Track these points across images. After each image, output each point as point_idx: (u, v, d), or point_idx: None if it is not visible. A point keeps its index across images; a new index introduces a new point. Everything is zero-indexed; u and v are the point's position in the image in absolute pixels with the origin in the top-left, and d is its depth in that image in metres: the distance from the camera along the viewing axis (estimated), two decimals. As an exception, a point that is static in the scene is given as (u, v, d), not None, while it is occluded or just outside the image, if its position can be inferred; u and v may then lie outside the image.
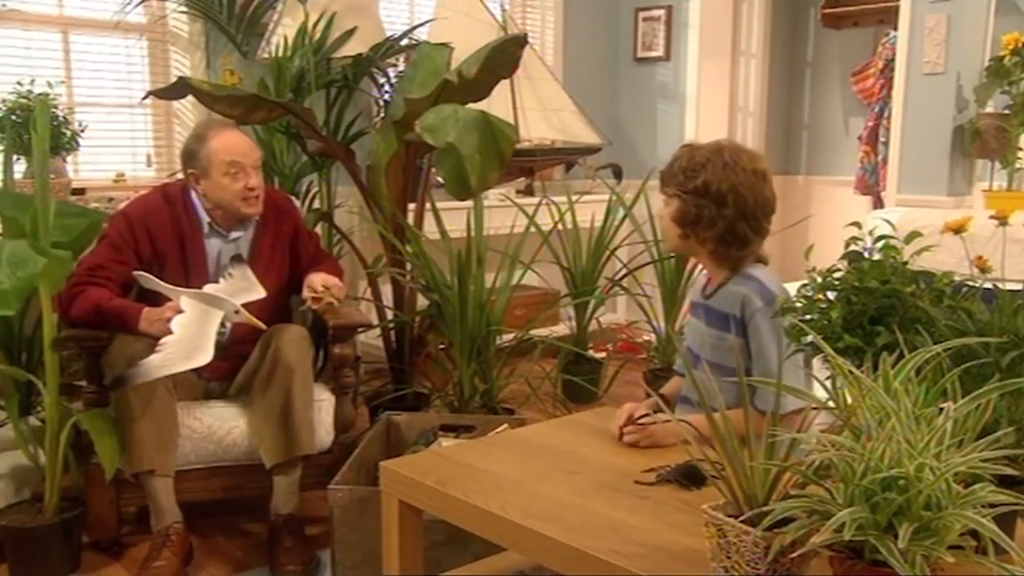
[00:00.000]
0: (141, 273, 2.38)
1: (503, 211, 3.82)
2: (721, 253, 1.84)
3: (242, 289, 2.38)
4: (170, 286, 2.34)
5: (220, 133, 2.46)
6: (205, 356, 2.20)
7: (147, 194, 2.60)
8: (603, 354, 4.06)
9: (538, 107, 4.51)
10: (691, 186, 1.81)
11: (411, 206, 3.38)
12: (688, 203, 1.82)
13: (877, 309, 1.41)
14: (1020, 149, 3.41)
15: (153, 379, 2.22)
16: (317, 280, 2.49)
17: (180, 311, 2.26)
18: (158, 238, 2.47)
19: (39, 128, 2.30)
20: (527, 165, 4.47)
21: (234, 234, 2.54)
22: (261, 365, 2.44)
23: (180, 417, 2.40)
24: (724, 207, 1.79)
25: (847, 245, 1.58)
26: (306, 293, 2.49)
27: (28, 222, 2.29)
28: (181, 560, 2.29)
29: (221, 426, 2.45)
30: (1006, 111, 3.43)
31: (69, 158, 3.23)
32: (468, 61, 2.94)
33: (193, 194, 2.51)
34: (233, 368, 2.55)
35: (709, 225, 1.81)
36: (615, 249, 3.94)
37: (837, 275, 1.50)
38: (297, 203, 2.90)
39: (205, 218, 2.51)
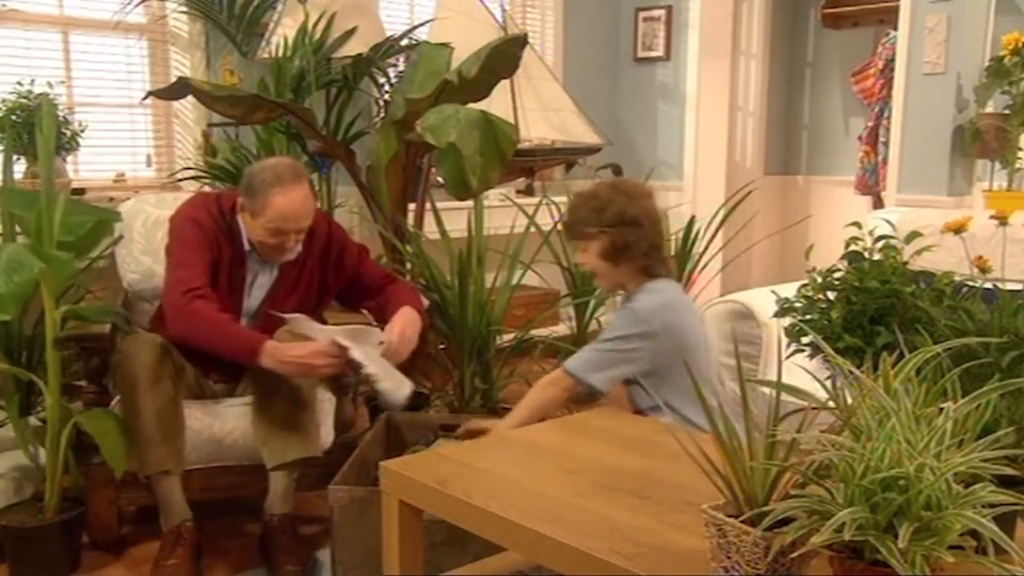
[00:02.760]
0: (295, 316, 2.36)
1: (503, 211, 3.81)
2: (648, 267, 2.12)
3: (362, 330, 2.41)
4: (319, 325, 2.37)
5: (287, 192, 2.36)
6: (408, 384, 2.37)
7: (205, 202, 2.53)
8: (603, 354, 4.06)
9: (538, 107, 4.51)
10: (608, 220, 2.08)
11: (411, 206, 3.38)
12: (612, 235, 2.08)
13: (877, 309, 1.41)
14: (1020, 149, 3.41)
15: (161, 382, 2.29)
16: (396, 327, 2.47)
17: (341, 348, 2.25)
18: (216, 248, 2.45)
19: (44, 129, 2.30)
20: (527, 165, 4.47)
21: (275, 259, 2.52)
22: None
23: (181, 417, 2.40)
24: (640, 227, 2.08)
25: (847, 245, 1.58)
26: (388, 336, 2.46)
27: (32, 222, 2.29)
28: (194, 559, 2.30)
29: (222, 427, 2.45)
30: (1006, 111, 3.43)
31: (69, 158, 3.23)
32: (468, 61, 2.94)
33: (239, 218, 2.49)
34: (240, 370, 2.56)
35: (636, 245, 2.08)
36: (615, 249, 3.93)
37: (837, 275, 1.50)
38: (333, 226, 2.71)
39: (246, 245, 2.50)
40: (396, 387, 2.33)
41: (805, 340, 1.50)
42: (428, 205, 3.36)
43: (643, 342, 2.07)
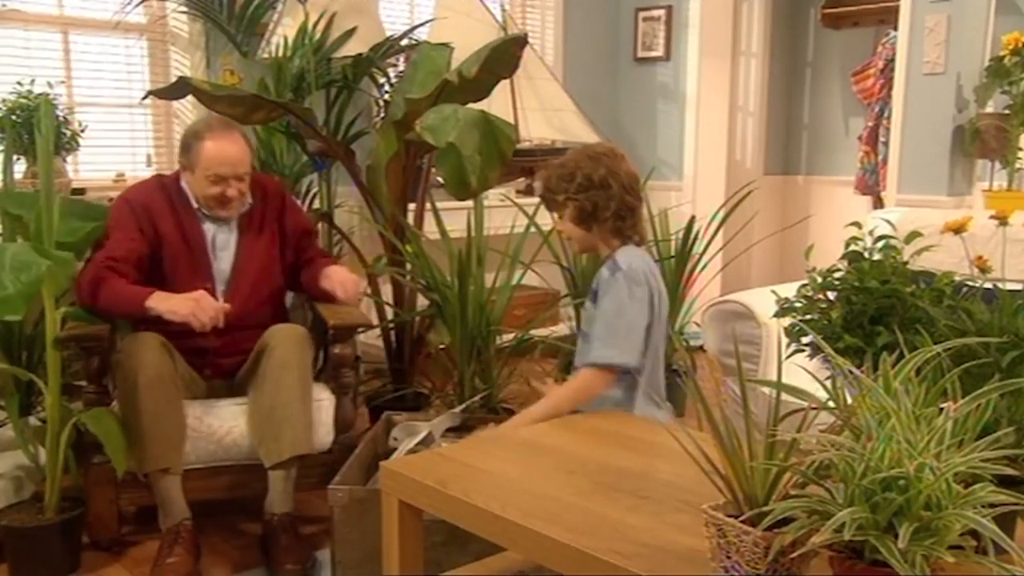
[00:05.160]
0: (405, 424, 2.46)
1: (503, 211, 3.81)
2: (619, 228, 2.13)
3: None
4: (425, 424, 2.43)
5: (216, 137, 2.48)
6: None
7: (144, 181, 2.67)
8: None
9: (538, 107, 4.51)
10: (575, 186, 2.10)
11: (411, 206, 3.38)
12: (581, 200, 2.10)
13: (877, 309, 1.41)
14: (1020, 149, 3.41)
15: (162, 380, 2.33)
16: (336, 277, 2.61)
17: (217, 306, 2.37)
18: (157, 220, 2.52)
19: (43, 128, 2.30)
20: (527, 165, 4.47)
21: (222, 213, 2.58)
22: (258, 364, 2.45)
23: (181, 416, 2.40)
24: (609, 188, 2.09)
25: (847, 245, 1.58)
26: (327, 284, 2.60)
27: (32, 223, 2.29)
28: (193, 557, 2.30)
29: (221, 426, 2.45)
30: (1006, 111, 3.43)
31: (69, 158, 3.23)
32: (468, 61, 2.94)
33: (183, 181, 2.58)
34: (235, 365, 2.56)
35: (605, 208, 2.09)
36: (615, 249, 3.93)
37: (837, 275, 1.50)
38: (286, 190, 2.89)
39: (195, 204, 2.56)
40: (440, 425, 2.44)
41: (805, 340, 1.50)
42: (428, 205, 3.36)
43: (643, 298, 2.08)
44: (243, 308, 2.53)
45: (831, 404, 1.16)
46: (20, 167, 3.01)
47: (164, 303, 2.33)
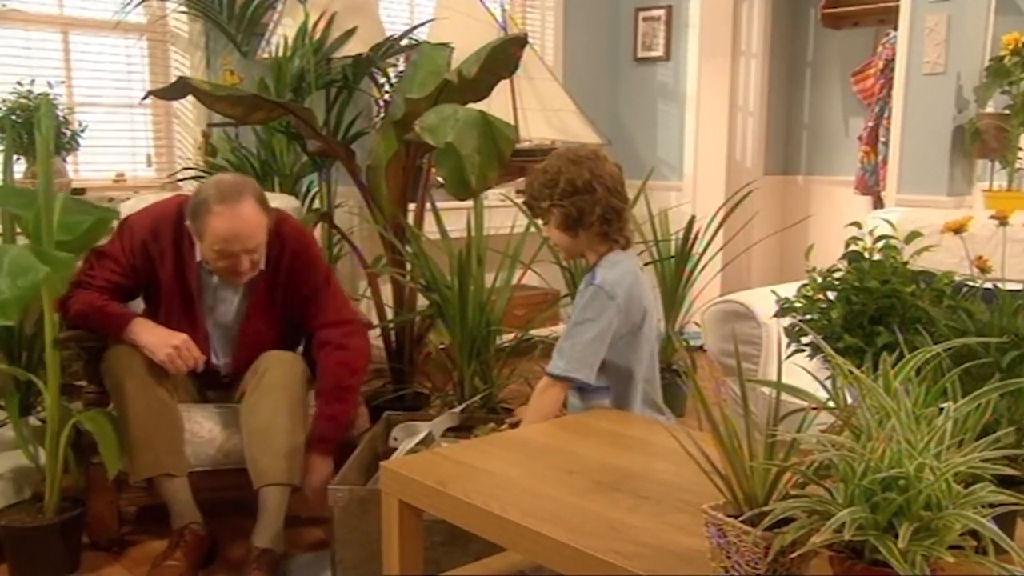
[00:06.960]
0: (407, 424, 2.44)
1: (503, 211, 3.82)
2: (606, 232, 2.11)
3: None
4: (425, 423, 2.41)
5: (222, 212, 2.22)
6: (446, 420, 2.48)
7: (164, 207, 2.45)
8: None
9: (538, 107, 4.51)
10: (559, 192, 2.07)
11: (411, 206, 3.38)
12: (566, 206, 2.07)
13: (877, 309, 1.41)
14: (1020, 149, 3.41)
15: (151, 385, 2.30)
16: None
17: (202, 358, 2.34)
18: (156, 260, 2.40)
19: (43, 128, 2.29)
20: (527, 165, 4.46)
21: (234, 281, 2.43)
22: (249, 388, 2.39)
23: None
24: (593, 192, 2.06)
25: (847, 245, 1.58)
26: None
27: (31, 222, 2.29)
28: (192, 562, 2.28)
29: (222, 431, 2.44)
30: (1006, 111, 3.43)
31: (69, 158, 3.23)
32: (468, 61, 2.94)
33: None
34: (232, 383, 2.55)
35: (591, 212, 2.07)
36: (615, 249, 3.93)
37: (837, 275, 1.50)
38: (306, 242, 2.55)
39: (199, 257, 2.39)
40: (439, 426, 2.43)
41: (805, 340, 1.50)
42: (428, 205, 3.36)
43: (615, 316, 2.06)
44: (243, 362, 2.47)
45: (831, 404, 1.16)
46: (20, 167, 3.02)
47: (146, 336, 2.28)
